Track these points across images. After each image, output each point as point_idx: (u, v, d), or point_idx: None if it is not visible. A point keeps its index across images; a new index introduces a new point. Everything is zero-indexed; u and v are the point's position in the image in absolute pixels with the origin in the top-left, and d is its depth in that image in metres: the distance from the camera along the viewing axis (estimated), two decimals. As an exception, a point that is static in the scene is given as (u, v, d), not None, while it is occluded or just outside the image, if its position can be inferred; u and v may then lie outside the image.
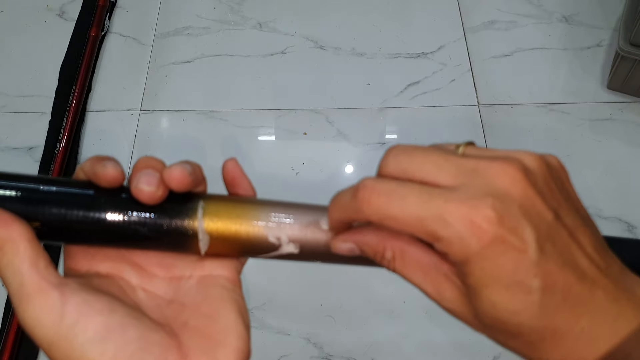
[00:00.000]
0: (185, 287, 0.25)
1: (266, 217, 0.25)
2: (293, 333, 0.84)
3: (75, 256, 0.25)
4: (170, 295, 0.25)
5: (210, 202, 0.25)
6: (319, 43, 1.12)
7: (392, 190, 0.21)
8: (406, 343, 0.83)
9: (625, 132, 0.99)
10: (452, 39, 1.11)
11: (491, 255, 0.20)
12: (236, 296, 0.25)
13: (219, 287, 0.25)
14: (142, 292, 0.25)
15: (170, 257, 0.26)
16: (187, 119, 1.04)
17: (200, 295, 0.25)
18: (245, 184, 0.28)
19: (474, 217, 0.20)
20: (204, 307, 0.24)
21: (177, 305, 0.25)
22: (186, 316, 0.24)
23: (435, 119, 1.02)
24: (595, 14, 1.12)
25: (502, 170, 0.21)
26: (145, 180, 0.23)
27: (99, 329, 0.21)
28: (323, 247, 0.25)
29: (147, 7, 1.19)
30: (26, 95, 1.08)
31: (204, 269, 0.26)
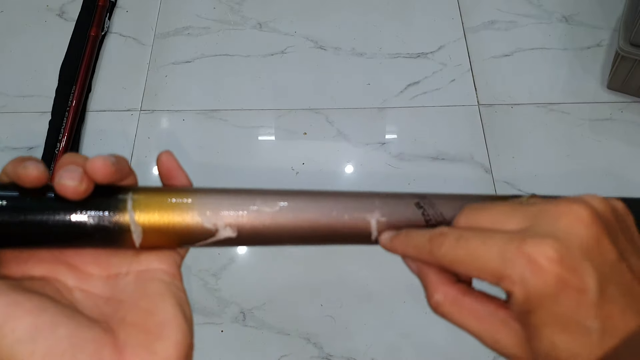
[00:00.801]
0: (123, 284, 0.25)
1: (199, 204, 0.25)
2: (293, 333, 0.84)
3: (6, 262, 0.24)
4: (107, 293, 0.25)
5: (139, 193, 0.25)
6: (319, 43, 1.12)
7: (460, 235, 0.23)
8: (406, 343, 0.83)
9: (625, 132, 0.99)
10: (452, 39, 1.11)
11: (551, 294, 0.20)
12: (175, 289, 0.25)
13: (157, 281, 0.25)
14: (79, 293, 0.24)
15: (105, 254, 0.26)
16: (187, 119, 1.04)
17: (138, 290, 0.24)
18: (181, 176, 0.27)
19: (534, 256, 0.21)
20: (142, 302, 0.24)
21: (114, 302, 0.24)
22: (124, 312, 0.23)
23: (435, 119, 1.02)
24: (595, 14, 1.12)
25: (567, 209, 0.22)
26: (68, 175, 0.23)
27: (28, 329, 0.20)
28: (261, 228, 0.25)
29: (147, 7, 1.19)
30: (26, 95, 1.08)
31: (140, 264, 0.25)
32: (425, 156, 0.98)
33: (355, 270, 0.88)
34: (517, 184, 0.95)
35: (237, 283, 0.88)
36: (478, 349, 0.91)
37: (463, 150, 0.98)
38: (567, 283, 0.20)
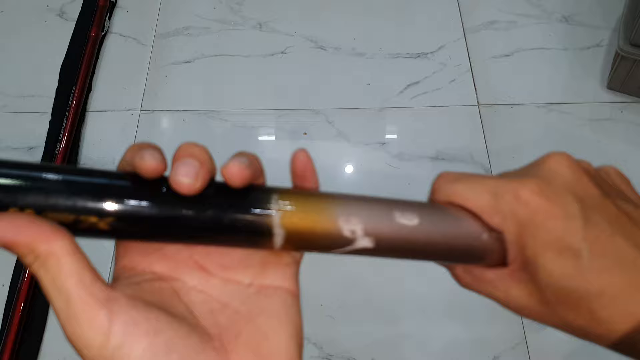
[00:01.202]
0: (243, 294, 0.24)
1: (340, 210, 0.25)
2: (293, 333, 0.84)
3: (130, 254, 0.24)
4: (225, 298, 0.24)
5: (283, 195, 0.25)
6: (319, 43, 1.12)
7: (460, 175, 0.26)
8: (406, 343, 0.83)
9: (625, 132, 0.99)
10: (452, 39, 1.11)
11: (539, 224, 0.22)
12: (294, 314, 0.24)
13: (279, 301, 0.24)
14: (198, 294, 0.24)
15: (233, 258, 0.25)
16: (187, 119, 1.04)
17: (258, 306, 0.24)
18: (314, 178, 0.27)
19: (520, 191, 0.23)
20: (261, 320, 0.23)
21: (231, 312, 0.23)
22: (240, 327, 0.23)
23: (435, 119, 1.02)
24: (595, 14, 1.12)
25: (550, 157, 0.25)
26: (183, 171, 0.22)
27: (144, 353, 0.20)
28: (400, 240, 0.25)
29: (147, 7, 1.19)
30: (26, 95, 1.08)
31: (265, 277, 0.25)
32: (425, 156, 0.98)
33: (355, 270, 0.88)
34: (517, 184, 0.94)
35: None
36: (478, 348, 0.91)
37: (463, 150, 0.98)
38: (552, 212, 0.22)
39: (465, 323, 0.84)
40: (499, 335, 0.83)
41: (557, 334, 0.89)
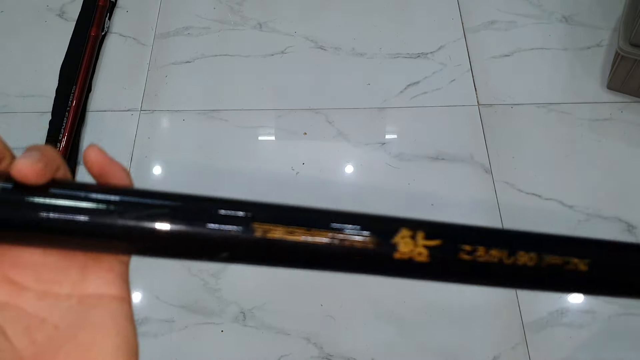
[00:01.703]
0: (62, 308, 0.22)
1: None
2: (293, 333, 0.84)
3: None
4: (42, 313, 0.21)
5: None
6: (319, 43, 1.12)
7: None
8: (406, 343, 0.83)
9: (625, 132, 0.99)
10: (452, 39, 1.11)
11: None
12: (122, 322, 0.22)
13: (104, 311, 0.22)
14: (9, 311, 0.21)
15: (48, 268, 0.22)
16: (187, 119, 1.04)
17: (80, 318, 0.21)
18: (118, 172, 0.24)
19: None
20: (82, 335, 0.21)
21: (50, 328, 0.21)
22: (59, 343, 0.21)
23: (435, 119, 1.02)
24: (595, 14, 1.12)
25: None
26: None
27: None
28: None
29: (147, 7, 1.18)
30: (26, 95, 1.08)
31: (86, 286, 0.22)
32: (425, 156, 0.98)
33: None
34: (517, 184, 0.95)
35: (237, 283, 0.88)
36: (478, 348, 0.91)
37: (463, 150, 0.98)
38: None
39: (465, 323, 0.84)
40: (499, 335, 0.83)
41: (557, 333, 0.89)
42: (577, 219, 0.91)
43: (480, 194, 0.94)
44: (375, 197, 0.95)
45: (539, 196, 0.93)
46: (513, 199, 0.93)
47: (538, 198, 0.93)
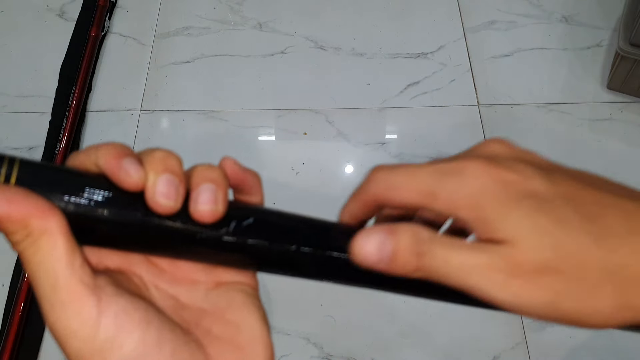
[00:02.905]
0: (203, 292, 0.23)
1: None
2: (293, 333, 0.84)
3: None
4: (184, 297, 0.23)
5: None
6: (319, 43, 1.12)
7: (397, 165, 0.22)
8: (406, 343, 0.83)
9: (625, 132, 0.99)
10: (452, 39, 1.11)
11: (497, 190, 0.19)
12: (258, 302, 0.24)
13: (242, 293, 0.23)
14: (156, 291, 0.22)
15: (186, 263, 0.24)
16: (187, 119, 1.04)
17: (223, 300, 0.23)
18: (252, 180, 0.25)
19: (467, 168, 0.20)
20: (229, 314, 0.22)
21: (195, 311, 0.22)
22: (209, 323, 0.22)
23: (435, 119, 1.02)
24: (595, 14, 1.12)
25: (490, 140, 0.23)
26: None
27: (137, 346, 0.19)
28: None
29: (147, 7, 1.18)
30: (26, 95, 1.08)
31: (219, 275, 0.24)
32: (425, 156, 0.98)
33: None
34: (517, 184, 0.94)
35: (237, 283, 0.88)
36: (478, 348, 0.91)
37: (463, 151, 0.98)
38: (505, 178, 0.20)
39: (465, 323, 0.84)
40: (499, 335, 0.83)
41: (557, 333, 0.89)
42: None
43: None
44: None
45: (539, 196, 0.93)
46: (513, 199, 0.93)
47: (538, 198, 0.93)
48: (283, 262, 0.23)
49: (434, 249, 0.20)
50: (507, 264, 0.19)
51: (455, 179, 0.20)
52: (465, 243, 0.20)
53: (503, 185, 0.20)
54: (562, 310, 0.19)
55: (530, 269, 0.19)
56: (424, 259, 0.20)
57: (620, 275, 0.19)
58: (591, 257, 0.19)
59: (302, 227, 0.24)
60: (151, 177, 0.20)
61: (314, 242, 0.23)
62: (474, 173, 0.20)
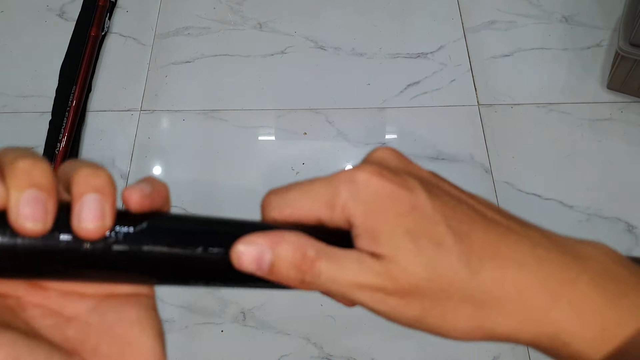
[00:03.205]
0: (91, 304, 0.21)
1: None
2: (293, 333, 0.84)
3: None
4: (69, 311, 0.21)
5: None
6: (319, 43, 1.12)
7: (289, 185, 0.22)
8: (406, 343, 0.83)
9: (625, 132, 0.99)
10: (452, 39, 1.11)
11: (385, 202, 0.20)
12: (154, 315, 0.22)
13: (135, 305, 0.21)
14: (36, 309, 0.20)
15: None
16: (187, 119, 1.04)
17: (113, 314, 0.21)
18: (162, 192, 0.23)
19: (356, 176, 0.21)
20: (119, 329, 0.20)
21: (81, 325, 0.20)
22: (95, 340, 0.20)
23: (435, 119, 1.02)
24: (595, 14, 1.12)
25: (378, 149, 0.23)
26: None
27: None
28: None
29: (147, 7, 1.18)
30: (26, 96, 1.08)
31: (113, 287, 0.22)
32: (425, 156, 0.98)
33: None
34: (517, 184, 0.95)
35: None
36: (478, 349, 0.91)
37: (463, 150, 0.98)
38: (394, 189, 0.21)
39: (465, 323, 0.84)
40: (499, 335, 0.82)
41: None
42: (577, 219, 0.91)
43: (480, 194, 0.93)
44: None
45: (539, 196, 0.93)
46: (513, 199, 0.93)
47: (538, 198, 0.93)
48: (188, 268, 0.21)
49: (319, 267, 0.20)
50: (384, 281, 0.20)
51: (348, 187, 0.21)
52: (349, 257, 0.21)
53: (391, 196, 0.21)
54: (427, 324, 0.21)
55: (403, 287, 0.20)
56: (307, 275, 0.20)
57: (479, 298, 0.20)
58: (458, 278, 0.20)
59: (206, 227, 0.22)
60: (13, 195, 0.18)
61: (221, 242, 0.21)
62: (365, 181, 0.21)
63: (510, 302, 0.20)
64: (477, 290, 0.20)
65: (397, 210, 0.20)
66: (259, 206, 0.23)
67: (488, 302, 0.20)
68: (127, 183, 0.97)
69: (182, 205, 0.94)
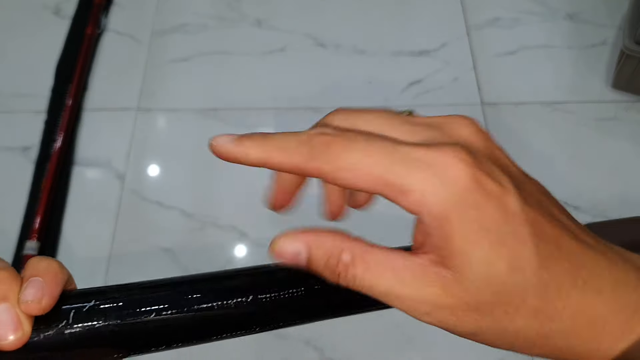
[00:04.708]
0: None
1: None
2: (293, 336, 0.83)
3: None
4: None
5: None
6: (319, 40, 1.11)
7: (351, 137, 0.19)
8: (408, 346, 0.83)
9: (630, 131, 0.99)
10: (455, 36, 1.10)
11: (473, 202, 0.17)
12: None
13: None
14: None
15: None
16: (184, 117, 1.03)
17: None
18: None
19: (447, 160, 0.18)
20: None
21: None
22: None
23: (437, 118, 1.01)
24: (600, 12, 1.12)
25: (461, 123, 0.20)
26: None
27: None
28: None
29: (143, 4, 1.18)
30: (21, 95, 1.07)
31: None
32: (428, 156, 0.97)
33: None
34: (521, 184, 0.94)
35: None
36: (481, 350, 0.89)
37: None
38: (486, 188, 0.17)
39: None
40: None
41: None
42: (582, 219, 0.90)
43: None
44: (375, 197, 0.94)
45: (543, 197, 0.93)
46: (517, 200, 0.92)
47: (542, 199, 0.92)
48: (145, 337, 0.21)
49: (352, 273, 0.19)
50: (440, 297, 0.18)
51: (429, 174, 0.18)
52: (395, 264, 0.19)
53: (480, 203, 0.18)
54: (481, 339, 0.20)
55: (463, 305, 0.18)
56: (342, 280, 0.19)
57: (546, 327, 0.18)
58: (527, 305, 0.18)
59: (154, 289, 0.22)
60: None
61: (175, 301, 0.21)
62: (451, 171, 0.18)
63: (577, 333, 0.19)
64: (545, 318, 0.18)
65: (483, 220, 0.18)
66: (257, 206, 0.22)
67: (554, 331, 0.19)
68: (123, 183, 0.96)
69: (179, 206, 0.93)
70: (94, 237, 0.92)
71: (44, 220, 0.91)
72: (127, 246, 0.91)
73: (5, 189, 0.97)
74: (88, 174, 0.99)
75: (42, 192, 0.93)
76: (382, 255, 0.19)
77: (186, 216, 0.93)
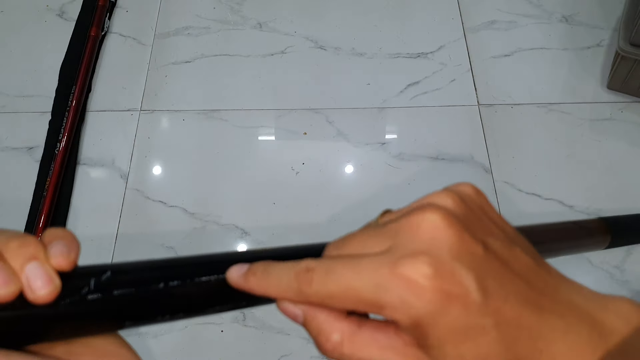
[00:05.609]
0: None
1: None
2: (293, 333, 0.84)
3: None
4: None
5: None
6: (319, 43, 1.12)
7: (329, 268, 0.21)
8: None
9: (625, 132, 0.99)
10: (452, 38, 1.11)
11: (439, 310, 0.20)
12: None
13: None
14: None
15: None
16: (187, 119, 1.04)
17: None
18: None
19: (410, 276, 0.20)
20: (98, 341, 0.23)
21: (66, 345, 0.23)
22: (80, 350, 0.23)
23: (435, 119, 1.02)
24: (595, 13, 1.12)
25: (421, 220, 0.21)
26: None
27: None
28: None
29: (147, 7, 1.18)
30: (26, 95, 1.08)
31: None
32: (425, 156, 0.98)
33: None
34: (517, 184, 0.94)
35: (237, 283, 0.88)
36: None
37: (463, 150, 0.98)
38: (449, 293, 0.20)
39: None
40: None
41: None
42: (577, 219, 0.91)
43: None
44: (375, 197, 0.95)
45: (539, 196, 0.93)
46: (513, 199, 0.93)
47: (538, 198, 0.93)
48: (155, 304, 0.23)
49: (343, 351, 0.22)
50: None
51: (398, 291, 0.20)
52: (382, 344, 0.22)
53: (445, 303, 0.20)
54: None
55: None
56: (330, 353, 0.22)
57: None
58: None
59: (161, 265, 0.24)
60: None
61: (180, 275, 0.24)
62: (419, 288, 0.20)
63: None
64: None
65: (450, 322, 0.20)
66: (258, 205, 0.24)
67: None
68: (127, 183, 0.97)
69: (182, 205, 0.94)
70: (98, 236, 0.93)
71: (48, 219, 0.92)
72: (130, 244, 0.92)
73: (11, 188, 0.98)
74: (92, 173, 0.99)
75: (46, 191, 0.94)
76: (369, 335, 0.22)
77: (188, 215, 0.94)
